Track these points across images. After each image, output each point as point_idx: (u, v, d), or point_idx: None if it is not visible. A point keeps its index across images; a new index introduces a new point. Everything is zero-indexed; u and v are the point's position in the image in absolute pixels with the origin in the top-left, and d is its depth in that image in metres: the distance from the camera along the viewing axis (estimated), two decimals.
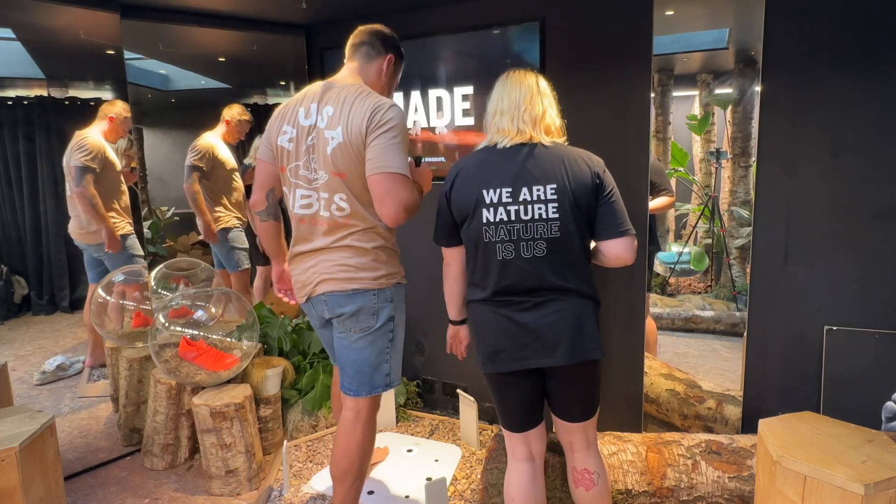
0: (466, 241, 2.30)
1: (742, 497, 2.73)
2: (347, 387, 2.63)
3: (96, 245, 3.72)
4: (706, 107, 3.37)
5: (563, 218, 2.15)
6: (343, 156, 2.37)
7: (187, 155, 4.27)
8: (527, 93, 2.26)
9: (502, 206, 2.18)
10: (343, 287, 2.48)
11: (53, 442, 2.84)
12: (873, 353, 2.84)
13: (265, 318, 4.15)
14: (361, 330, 2.54)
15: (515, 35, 3.50)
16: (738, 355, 3.18)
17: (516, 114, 2.24)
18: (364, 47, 2.60)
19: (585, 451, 2.43)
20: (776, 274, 3.03)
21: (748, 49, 3.07)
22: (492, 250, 2.20)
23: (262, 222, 2.70)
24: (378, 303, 2.53)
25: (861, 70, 2.76)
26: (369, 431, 2.67)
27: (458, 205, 2.26)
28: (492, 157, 2.24)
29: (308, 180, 2.47)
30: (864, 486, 2.09)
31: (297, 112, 2.49)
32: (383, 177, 2.30)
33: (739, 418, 3.21)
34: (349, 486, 2.63)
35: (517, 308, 2.23)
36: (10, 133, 3.57)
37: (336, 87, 2.49)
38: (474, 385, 4.06)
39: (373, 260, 2.50)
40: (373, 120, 2.33)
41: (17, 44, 3.46)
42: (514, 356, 2.25)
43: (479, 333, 2.33)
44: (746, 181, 3.29)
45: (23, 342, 3.78)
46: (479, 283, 2.29)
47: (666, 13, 3.10)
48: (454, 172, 2.29)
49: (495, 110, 2.29)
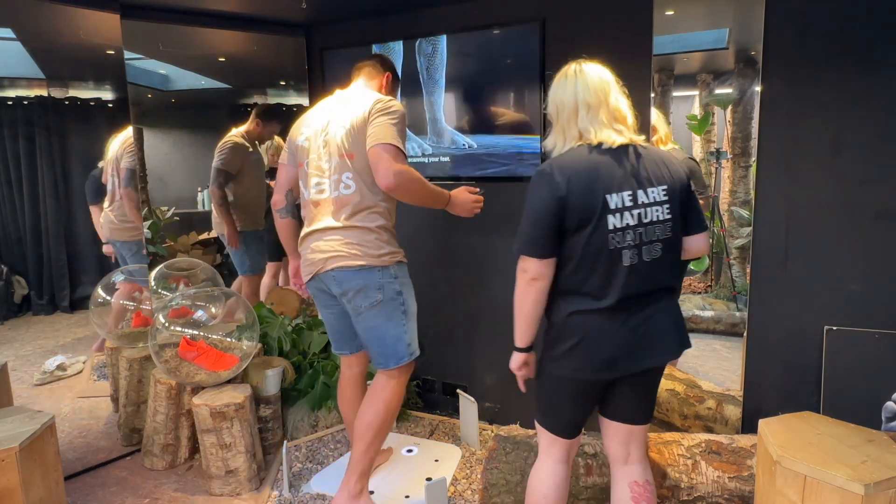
0: (582, 249, 2.08)
1: (742, 497, 2.72)
2: (377, 361, 2.91)
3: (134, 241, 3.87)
4: (706, 107, 3.36)
5: (674, 218, 2.14)
6: (349, 138, 2.70)
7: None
8: (609, 88, 2.15)
9: (627, 211, 2.07)
10: (350, 263, 2.72)
11: (53, 442, 2.84)
12: (873, 353, 2.83)
13: (265, 318, 4.14)
14: (371, 305, 2.78)
15: (516, 35, 3.50)
16: (738, 355, 3.18)
17: (605, 110, 2.12)
18: (366, 68, 3.01)
19: (643, 461, 2.40)
20: (776, 274, 3.03)
21: (748, 49, 3.06)
22: (617, 257, 2.07)
23: (281, 219, 3.07)
24: (382, 278, 2.77)
25: (861, 70, 2.76)
26: (399, 392, 2.95)
27: (578, 211, 2.05)
28: (604, 159, 2.09)
29: (321, 169, 2.79)
30: (864, 486, 2.09)
31: (315, 118, 2.88)
32: (378, 147, 2.62)
33: (739, 418, 3.21)
34: (369, 441, 2.89)
35: (633, 312, 2.14)
36: (11, 133, 3.55)
37: (349, 95, 2.88)
38: (474, 385, 4.07)
39: (376, 239, 2.76)
40: (375, 106, 2.69)
41: (17, 44, 3.45)
42: (631, 360, 2.16)
43: (590, 345, 2.14)
44: (746, 181, 3.28)
45: (23, 342, 3.77)
46: (595, 292, 2.10)
47: (666, 13, 3.10)
48: (564, 177, 2.05)
49: (577, 103, 2.13)
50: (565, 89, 2.16)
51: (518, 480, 2.85)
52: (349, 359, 3.19)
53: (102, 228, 3.81)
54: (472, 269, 3.94)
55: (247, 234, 4.50)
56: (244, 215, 4.47)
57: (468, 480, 3.37)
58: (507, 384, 3.95)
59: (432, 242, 2.99)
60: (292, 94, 4.51)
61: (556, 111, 2.20)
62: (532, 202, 2.10)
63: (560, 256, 2.12)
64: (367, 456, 2.92)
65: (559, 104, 2.18)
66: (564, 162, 2.09)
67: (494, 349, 3.97)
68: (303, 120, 2.96)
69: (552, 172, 2.07)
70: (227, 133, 4.34)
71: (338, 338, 3.13)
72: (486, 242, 3.84)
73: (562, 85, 2.18)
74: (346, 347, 3.14)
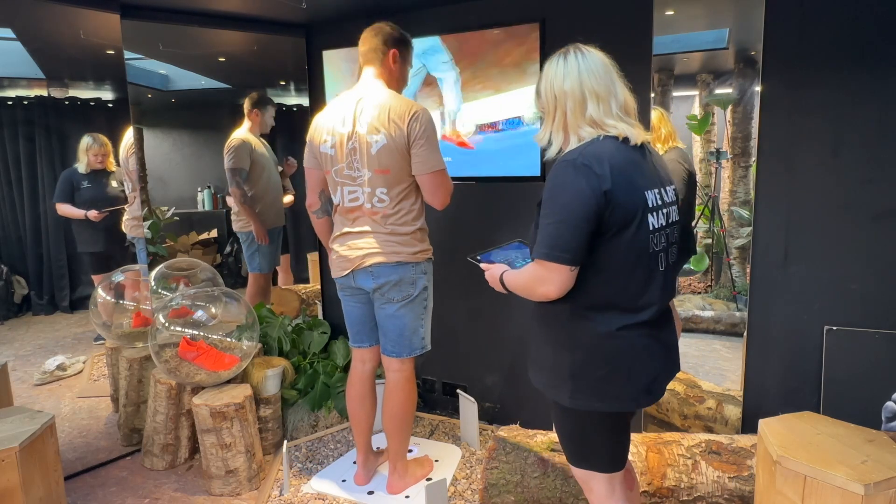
0: (623, 253, 1.82)
1: (742, 497, 2.72)
2: (391, 350, 3.06)
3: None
4: (706, 107, 3.36)
5: (681, 219, 1.99)
6: (388, 155, 2.78)
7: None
8: (614, 76, 1.91)
9: (659, 210, 1.87)
10: (389, 259, 2.88)
11: (53, 442, 2.85)
12: (873, 353, 2.82)
13: (265, 318, 4.14)
14: (403, 298, 2.95)
15: (516, 35, 3.49)
16: (738, 355, 3.17)
17: (615, 101, 1.88)
18: (371, 52, 2.92)
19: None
20: (776, 274, 3.02)
21: (748, 49, 3.06)
22: (655, 262, 1.86)
23: (318, 219, 3.17)
24: (415, 273, 2.95)
25: (861, 70, 2.75)
26: (414, 387, 3.15)
27: (622, 208, 1.78)
28: (633, 155, 1.87)
29: (352, 178, 2.88)
30: (864, 486, 2.08)
31: (335, 122, 2.89)
32: (432, 175, 2.81)
33: (739, 418, 3.20)
34: (399, 430, 3.14)
35: (663, 325, 1.97)
36: (11, 133, 3.54)
37: (366, 96, 2.86)
38: (474, 385, 4.06)
39: (411, 238, 2.92)
40: (412, 128, 2.76)
41: (17, 44, 3.44)
42: (666, 379, 1.99)
43: (632, 368, 1.89)
44: (746, 181, 3.28)
45: (23, 342, 3.76)
46: (631, 304, 1.86)
47: (666, 13, 3.09)
48: (605, 168, 1.76)
49: (584, 92, 1.87)
50: (567, 77, 1.88)
51: (518, 480, 2.84)
52: (364, 353, 3.22)
53: (125, 227, 3.89)
54: (472, 270, 3.92)
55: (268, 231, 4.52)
56: (263, 211, 4.47)
57: (468, 480, 3.36)
58: (508, 384, 3.97)
59: (432, 243, 2.99)
60: (292, 94, 4.50)
61: (555, 101, 1.92)
62: (562, 198, 1.78)
63: (589, 265, 1.84)
64: (402, 444, 3.18)
65: (559, 93, 1.90)
66: (599, 152, 1.79)
67: (495, 350, 3.97)
68: (321, 124, 2.96)
69: (589, 164, 1.75)
70: (230, 134, 4.33)
71: (359, 329, 3.19)
72: (487, 243, 3.83)
73: (560, 71, 1.91)
74: (366, 340, 3.20)
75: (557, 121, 1.93)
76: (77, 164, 3.73)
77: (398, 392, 3.09)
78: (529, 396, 3.82)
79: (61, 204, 3.72)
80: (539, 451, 2.88)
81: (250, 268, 4.51)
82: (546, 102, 1.96)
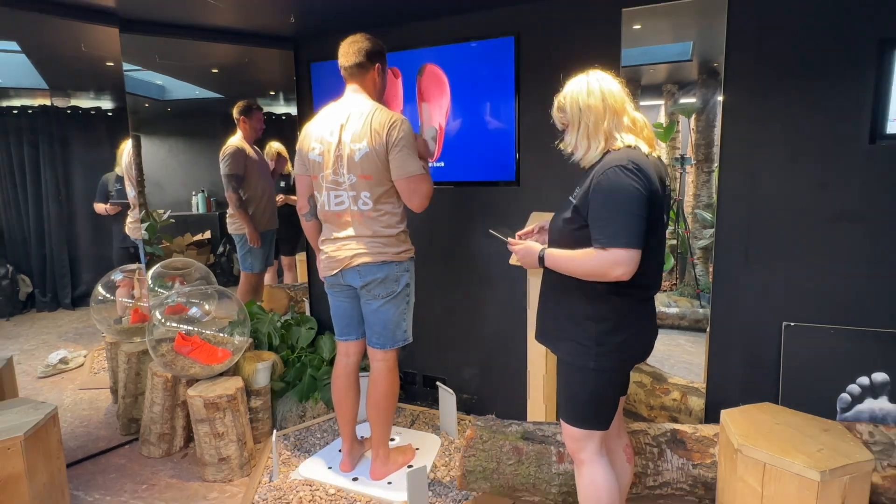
0: (656, 241, 2.09)
1: (705, 483, 2.69)
2: (376, 342, 3.07)
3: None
4: (671, 115, 3.32)
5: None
6: (370, 162, 2.80)
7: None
8: (626, 97, 2.13)
9: (668, 209, 2.18)
10: (374, 259, 2.91)
11: (56, 431, 2.86)
12: (829, 347, 2.82)
13: (255, 315, 4.12)
14: (387, 294, 2.97)
15: (492, 48, 3.45)
16: (702, 350, 3.15)
17: (628, 117, 2.10)
18: (355, 69, 2.92)
19: (624, 426, 2.50)
20: (737, 273, 3.01)
21: (711, 61, 3.02)
22: (664, 250, 2.20)
23: (307, 222, 3.17)
24: (399, 271, 2.98)
25: (816, 80, 2.73)
26: (396, 377, 3.16)
27: (658, 205, 2.02)
28: (654, 161, 2.08)
29: (337, 183, 2.90)
30: (820, 473, 2.10)
31: (323, 132, 2.91)
32: (407, 180, 2.83)
33: (703, 409, 3.18)
34: (381, 419, 3.14)
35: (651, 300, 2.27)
36: (16, 140, 3.50)
37: (353, 109, 2.88)
38: (452, 378, 4.03)
39: (395, 239, 2.94)
40: (391, 135, 2.78)
41: (21, 56, 3.42)
42: (652, 343, 2.27)
43: (640, 332, 2.17)
44: (709, 186, 3.24)
45: (27, 337, 3.72)
46: (649, 282, 2.11)
47: (633, 27, 3.06)
48: (646, 172, 1.96)
49: (605, 108, 2.07)
50: (591, 94, 2.08)
51: (494, 467, 2.78)
52: (349, 346, 3.21)
53: (128, 229, 3.87)
54: (450, 267, 3.90)
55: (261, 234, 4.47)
56: (256, 215, 4.42)
57: (447, 467, 3.32)
58: (484, 377, 3.93)
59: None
60: (282, 103, 4.48)
61: (580, 115, 2.09)
62: (622, 194, 1.93)
63: None
64: (384, 432, 3.17)
65: (584, 108, 2.07)
66: (637, 159, 1.97)
67: (472, 343, 3.94)
68: (310, 133, 2.98)
69: (637, 169, 1.94)
70: (223, 141, 4.28)
71: (347, 323, 3.18)
72: (463, 242, 3.79)
73: (584, 90, 2.09)
74: (353, 333, 3.19)
75: (581, 131, 2.10)
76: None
77: (382, 381, 3.09)
78: (504, 388, 3.79)
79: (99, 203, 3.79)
80: (514, 441, 2.82)
81: (243, 267, 4.47)
82: (571, 115, 2.12)
